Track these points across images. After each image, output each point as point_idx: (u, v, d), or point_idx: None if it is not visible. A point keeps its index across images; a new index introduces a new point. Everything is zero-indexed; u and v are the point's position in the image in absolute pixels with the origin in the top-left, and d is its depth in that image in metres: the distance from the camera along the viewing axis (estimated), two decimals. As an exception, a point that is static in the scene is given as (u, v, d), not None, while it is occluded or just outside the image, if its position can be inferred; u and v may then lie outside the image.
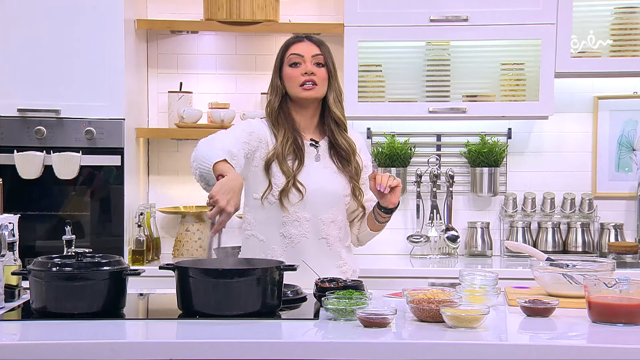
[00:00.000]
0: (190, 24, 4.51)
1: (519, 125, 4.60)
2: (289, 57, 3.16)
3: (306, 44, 3.18)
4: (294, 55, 3.15)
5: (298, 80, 3.13)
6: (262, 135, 3.15)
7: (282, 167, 3.11)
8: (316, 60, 3.15)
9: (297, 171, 3.11)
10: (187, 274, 2.61)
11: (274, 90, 3.19)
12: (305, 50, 3.16)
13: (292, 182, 3.10)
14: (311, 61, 3.14)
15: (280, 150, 3.11)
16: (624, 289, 2.52)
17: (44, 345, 2.33)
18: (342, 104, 3.23)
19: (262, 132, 3.16)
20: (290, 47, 3.18)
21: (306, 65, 3.13)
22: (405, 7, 4.27)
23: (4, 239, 2.78)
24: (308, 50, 3.16)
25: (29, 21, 4.16)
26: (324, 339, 2.43)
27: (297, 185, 3.10)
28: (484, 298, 2.75)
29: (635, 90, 4.58)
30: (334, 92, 3.18)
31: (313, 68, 3.14)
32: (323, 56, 3.16)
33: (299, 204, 3.12)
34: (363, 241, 3.38)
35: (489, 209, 4.65)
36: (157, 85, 4.65)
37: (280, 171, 3.11)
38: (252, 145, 3.11)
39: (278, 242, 3.14)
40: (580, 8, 4.35)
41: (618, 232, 4.50)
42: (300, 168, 3.12)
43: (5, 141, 4.19)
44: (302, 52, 3.15)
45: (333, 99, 3.18)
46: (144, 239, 4.22)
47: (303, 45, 3.17)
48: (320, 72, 3.15)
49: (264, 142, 3.14)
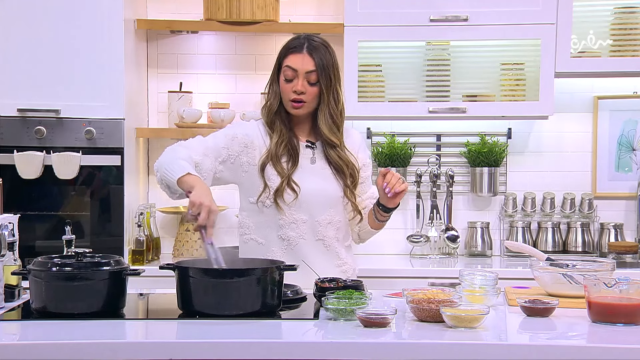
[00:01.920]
0: (190, 24, 4.51)
1: (518, 125, 4.60)
2: (284, 69, 3.11)
3: (303, 56, 3.09)
4: (288, 68, 3.10)
5: (289, 95, 3.11)
6: (248, 140, 3.14)
7: (277, 168, 3.11)
8: (309, 78, 3.09)
9: (292, 171, 3.11)
10: (187, 274, 2.61)
11: (271, 93, 3.17)
12: (300, 65, 3.08)
13: (287, 182, 3.10)
14: (304, 77, 3.09)
15: (274, 151, 3.11)
16: (624, 289, 2.52)
17: (43, 345, 2.33)
18: (339, 118, 3.15)
19: (250, 137, 3.15)
20: (287, 58, 3.11)
21: (297, 83, 3.08)
22: (405, 7, 4.27)
23: (4, 239, 2.78)
24: (303, 65, 3.08)
25: (29, 21, 4.16)
26: (324, 339, 2.43)
27: (291, 185, 3.10)
28: (484, 298, 2.75)
29: (635, 90, 4.58)
30: (328, 108, 3.12)
31: (304, 86, 3.08)
32: (317, 73, 3.08)
33: (295, 206, 3.11)
34: (364, 238, 3.37)
35: (488, 209, 4.65)
36: (157, 85, 4.66)
37: (275, 172, 3.11)
38: (234, 150, 3.12)
39: (277, 245, 3.14)
40: (580, 8, 4.35)
41: (618, 232, 4.50)
42: (294, 169, 3.12)
43: (5, 141, 4.19)
44: (297, 67, 3.09)
45: (324, 115, 3.12)
46: (143, 239, 4.22)
47: (299, 58, 3.09)
48: (311, 90, 3.10)
49: (250, 146, 3.14)
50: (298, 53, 3.10)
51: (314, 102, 3.13)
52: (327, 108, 3.12)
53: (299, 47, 3.11)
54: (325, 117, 3.13)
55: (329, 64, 3.11)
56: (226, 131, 3.18)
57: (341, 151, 3.18)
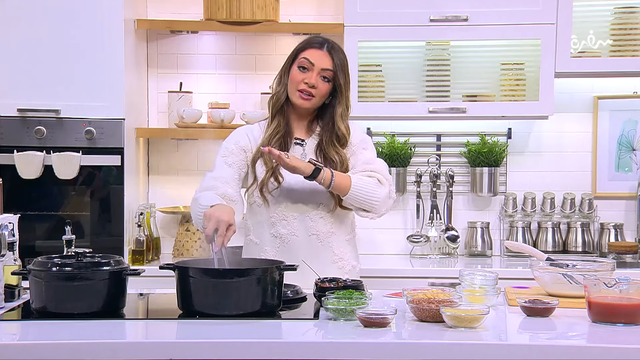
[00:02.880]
0: (190, 24, 4.51)
1: (519, 125, 4.60)
2: (301, 59, 3.14)
3: (322, 53, 3.14)
4: (306, 60, 3.13)
5: (299, 85, 3.13)
6: (246, 143, 3.18)
7: (264, 159, 3.13)
8: (324, 74, 3.13)
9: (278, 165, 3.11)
10: (187, 274, 2.61)
11: (280, 84, 3.20)
12: (318, 60, 3.13)
13: (272, 172, 3.12)
14: (319, 73, 3.13)
15: (266, 142, 3.13)
16: (624, 289, 2.52)
17: (43, 345, 2.33)
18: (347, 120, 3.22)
19: (242, 142, 3.19)
20: (306, 51, 3.15)
21: (311, 75, 3.12)
22: (405, 7, 4.27)
23: (4, 239, 2.78)
24: (321, 61, 3.13)
25: (29, 21, 4.16)
26: (324, 339, 2.43)
27: (276, 175, 3.12)
28: (484, 298, 2.75)
29: (635, 90, 4.58)
30: (342, 108, 3.18)
31: (317, 81, 3.12)
32: (333, 72, 3.13)
33: (286, 201, 3.13)
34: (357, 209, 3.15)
35: (489, 209, 4.65)
36: (157, 85, 4.65)
37: (263, 164, 3.13)
38: (238, 160, 3.17)
39: (270, 244, 3.16)
40: (580, 8, 4.35)
41: (618, 232, 4.50)
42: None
43: (5, 141, 4.19)
44: (314, 61, 3.13)
45: (340, 114, 3.18)
46: (143, 239, 4.22)
47: (318, 54, 3.14)
48: (322, 86, 3.14)
49: (249, 148, 3.18)
50: (318, 49, 3.15)
51: (321, 99, 3.16)
52: (342, 107, 3.18)
53: (320, 44, 3.17)
54: (342, 115, 3.18)
55: (345, 67, 3.18)
56: (222, 152, 3.20)
57: (341, 149, 3.19)
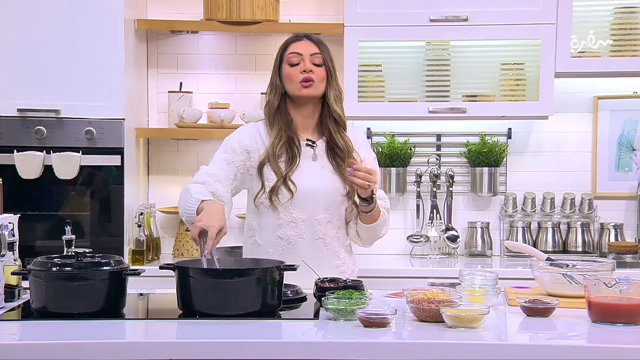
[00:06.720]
0: (190, 24, 4.51)
1: (518, 125, 4.60)
2: (288, 56, 3.18)
3: (305, 42, 3.20)
4: (293, 54, 3.17)
5: (297, 78, 3.15)
6: (246, 146, 3.17)
7: (273, 167, 3.12)
8: (315, 60, 3.17)
9: (289, 170, 3.12)
10: (187, 274, 2.61)
11: (273, 89, 3.21)
12: (304, 49, 3.18)
13: (283, 181, 3.11)
14: (310, 60, 3.16)
15: (271, 151, 3.13)
16: (624, 289, 2.52)
17: (43, 345, 2.33)
18: (342, 104, 3.24)
19: (248, 142, 3.18)
20: (289, 46, 3.20)
21: (305, 64, 3.15)
22: (405, 7, 4.28)
23: (4, 239, 2.78)
24: (307, 49, 3.18)
25: (29, 21, 4.16)
26: (324, 339, 2.43)
27: (287, 184, 3.11)
28: (484, 298, 2.75)
29: (635, 90, 4.58)
30: (334, 91, 3.19)
31: (311, 67, 3.15)
32: (322, 55, 3.18)
33: (295, 205, 3.12)
34: (364, 238, 3.26)
35: (488, 209, 4.65)
36: (157, 85, 4.65)
37: (272, 171, 3.12)
38: (239, 160, 3.16)
39: (273, 246, 3.15)
40: (580, 8, 4.35)
41: (618, 232, 4.50)
42: (293, 167, 3.12)
43: (5, 141, 4.19)
44: (301, 51, 3.17)
45: (334, 97, 3.19)
46: (143, 239, 4.22)
47: (302, 44, 3.19)
48: (318, 71, 3.16)
49: (251, 151, 3.17)
50: (299, 41, 3.21)
51: (322, 83, 3.17)
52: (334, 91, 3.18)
53: (298, 37, 3.23)
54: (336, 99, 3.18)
55: (329, 51, 3.21)
56: (224, 148, 3.20)
57: (345, 134, 3.20)
